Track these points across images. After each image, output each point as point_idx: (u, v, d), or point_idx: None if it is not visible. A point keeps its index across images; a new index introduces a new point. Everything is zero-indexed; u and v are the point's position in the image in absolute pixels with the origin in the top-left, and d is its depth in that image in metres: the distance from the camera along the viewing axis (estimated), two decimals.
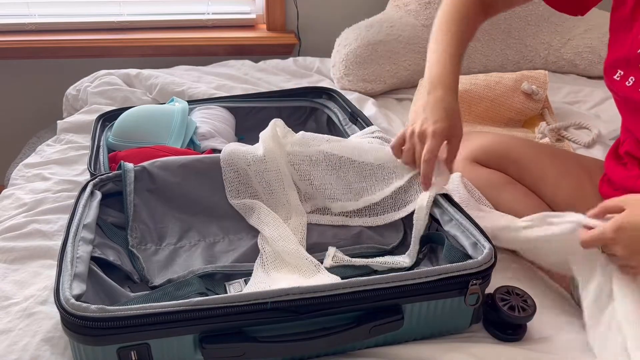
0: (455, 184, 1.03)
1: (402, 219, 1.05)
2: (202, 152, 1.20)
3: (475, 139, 1.15)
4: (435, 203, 0.98)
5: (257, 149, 1.05)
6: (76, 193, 0.95)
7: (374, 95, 1.65)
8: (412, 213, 1.02)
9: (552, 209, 1.07)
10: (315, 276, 0.90)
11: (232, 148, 1.06)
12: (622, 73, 0.96)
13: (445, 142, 0.96)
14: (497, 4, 1.12)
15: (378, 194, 1.04)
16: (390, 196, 1.05)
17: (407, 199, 1.04)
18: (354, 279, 0.78)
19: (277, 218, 1.01)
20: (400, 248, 1.03)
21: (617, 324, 0.80)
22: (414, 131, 0.98)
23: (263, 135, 1.06)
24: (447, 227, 0.94)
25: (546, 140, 1.39)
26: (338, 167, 1.06)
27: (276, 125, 1.06)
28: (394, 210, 1.04)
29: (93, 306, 0.71)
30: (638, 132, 0.99)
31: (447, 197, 0.97)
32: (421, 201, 0.97)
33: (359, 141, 1.10)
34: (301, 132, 1.08)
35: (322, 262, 0.95)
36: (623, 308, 0.80)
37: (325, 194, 1.05)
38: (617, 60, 0.97)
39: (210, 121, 1.30)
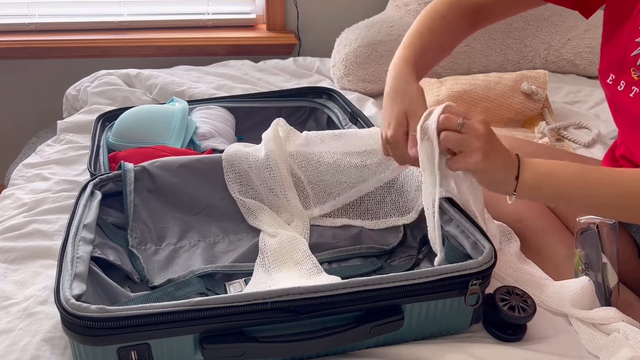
0: None
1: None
2: (202, 152, 1.20)
3: None
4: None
5: (259, 151, 1.05)
6: (76, 193, 0.95)
7: (374, 95, 1.65)
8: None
9: (551, 210, 1.07)
10: (316, 276, 0.90)
11: (234, 149, 1.06)
12: (614, 77, 0.95)
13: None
14: (492, 15, 1.06)
15: (372, 181, 1.05)
16: (392, 200, 1.05)
17: (409, 206, 1.04)
18: (354, 279, 0.78)
19: (278, 219, 1.02)
20: (400, 248, 1.03)
21: None
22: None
23: (265, 136, 1.06)
24: (447, 227, 0.94)
25: (545, 140, 1.39)
26: (338, 168, 1.06)
27: (278, 125, 1.06)
28: (396, 215, 1.04)
29: (93, 306, 0.71)
30: (629, 138, 0.99)
31: (447, 197, 0.97)
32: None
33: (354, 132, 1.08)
34: (305, 132, 1.08)
35: (322, 264, 0.95)
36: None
37: (328, 196, 1.05)
38: (609, 63, 0.96)
39: (210, 121, 1.30)
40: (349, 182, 1.05)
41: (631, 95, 0.92)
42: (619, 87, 0.94)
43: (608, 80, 0.96)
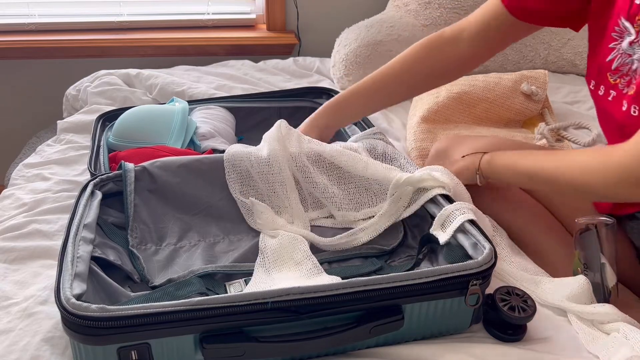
0: None
1: (402, 220, 1.04)
2: (202, 152, 1.20)
3: (470, 142, 1.15)
4: (434, 203, 0.98)
5: (261, 150, 1.05)
6: (76, 193, 0.96)
7: None
8: (413, 213, 1.02)
9: (549, 210, 1.08)
10: (316, 277, 0.90)
11: (235, 149, 1.06)
12: (594, 83, 0.98)
13: None
14: (480, 58, 1.12)
15: (378, 206, 1.04)
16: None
17: (410, 202, 1.04)
18: (355, 279, 0.78)
19: (279, 219, 1.01)
20: (400, 248, 1.03)
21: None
22: None
23: (268, 136, 1.06)
24: None
25: (543, 141, 1.39)
26: (340, 178, 1.07)
27: (281, 126, 1.06)
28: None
29: (94, 306, 0.71)
30: (610, 141, 1.00)
31: (446, 197, 0.97)
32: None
33: (358, 156, 1.08)
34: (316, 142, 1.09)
35: (322, 264, 0.95)
36: None
37: (330, 202, 1.05)
38: (591, 70, 0.99)
39: (210, 121, 1.30)
40: (349, 200, 1.05)
41: (609, 98, 0.94)
42: (599, 91, 0.97)
43: (591, 86, 0.99)
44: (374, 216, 1.03)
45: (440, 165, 1.03)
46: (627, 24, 0.90)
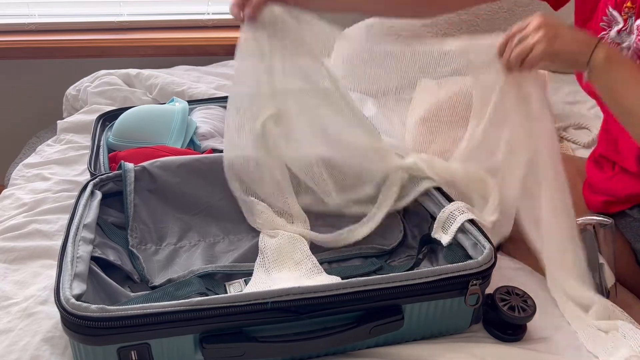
0: None
1: (402, 220, 1.05)
2: (202, 152, 1.20)
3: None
4: (433, 201, 0.98)
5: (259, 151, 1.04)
6: (76, 193, 0.95)
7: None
8: (413, 213, 1.02)
9: None
10: (316, 276, 0.90)
11: (233, 151, 1.05)
12: None
13: None
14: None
15: (365, 192, 1.05)
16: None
17: (403, 192, 1.04)
18: (354, 279, 0.78)
19: (279, 219, 1.01)
20: (400, 248, 1.03)
21: None
22: None
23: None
24: None
25: None
26: (331, 167, 1.07)
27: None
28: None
29: (93, 306, 0.71)
30: (611, 124, 1.01)
31: (446, 197, 0.97)
32: None
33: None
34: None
35: (322, 264, 0.95)
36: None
37: (320, 189, 1.05)
38: None
39: (210, 121, 1.30)
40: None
41: None
42: None
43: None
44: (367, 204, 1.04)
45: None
46: (615, 13, 0.91)
